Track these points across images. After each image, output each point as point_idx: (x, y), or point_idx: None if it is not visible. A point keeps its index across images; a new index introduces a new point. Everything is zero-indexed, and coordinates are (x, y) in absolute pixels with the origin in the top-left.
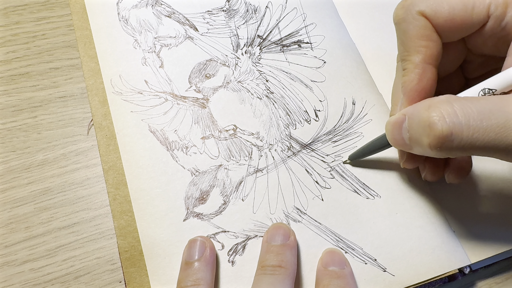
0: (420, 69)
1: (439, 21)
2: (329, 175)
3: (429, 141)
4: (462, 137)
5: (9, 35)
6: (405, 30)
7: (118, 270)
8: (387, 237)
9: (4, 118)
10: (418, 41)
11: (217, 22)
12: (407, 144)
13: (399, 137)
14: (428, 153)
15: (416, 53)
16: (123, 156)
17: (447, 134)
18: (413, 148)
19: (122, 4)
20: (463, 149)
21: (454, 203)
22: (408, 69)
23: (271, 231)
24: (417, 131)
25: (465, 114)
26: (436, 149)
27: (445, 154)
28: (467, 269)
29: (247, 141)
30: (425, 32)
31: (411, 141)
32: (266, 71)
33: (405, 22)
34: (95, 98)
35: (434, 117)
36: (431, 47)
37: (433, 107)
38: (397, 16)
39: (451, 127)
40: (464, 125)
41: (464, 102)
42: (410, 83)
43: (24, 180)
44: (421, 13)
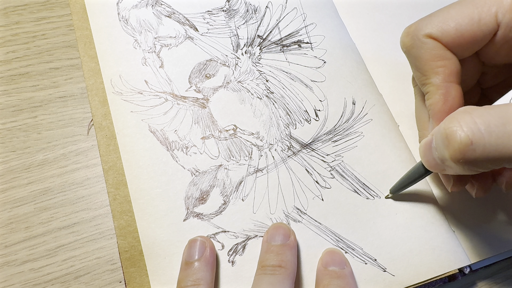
0: (443, 89)
1: (448, 40)
2: (329, 175)
3: (450, 153)
4: (484, 145)
5: (9, 35)
6: (417, 56)
7: (118, 270)
8: (387, 237)
9: (4, 118)
10: (434, 63)
11: (217, 22)
12: (440, 164)
13: (431, 159)
14: (460, 170)
15: (435, 74)
16: (123, 156)
17: (466, 142)
18: (445, 167)
19: (122, 4)
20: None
21: (454, 203)
22: (431, 91)
23: (271, 231)
24: (440, 146)
25: (484, 121)
26: (460, 161)
27: (473, 167)
28: (467, 269)
29: (247, 141)
30: (438, 52)
31: (440, 160)
32: (266, 71)
33: (414, 48)
34: (95, 98)
35: (452, 128)
36: (448, 66)
37: (450, 119)
38: (405, 44)
39: (469, 135)
40: (484, 132)
41: (483, 110)
42: (436, 104)
43: (24, 180)
44: (428, 36)
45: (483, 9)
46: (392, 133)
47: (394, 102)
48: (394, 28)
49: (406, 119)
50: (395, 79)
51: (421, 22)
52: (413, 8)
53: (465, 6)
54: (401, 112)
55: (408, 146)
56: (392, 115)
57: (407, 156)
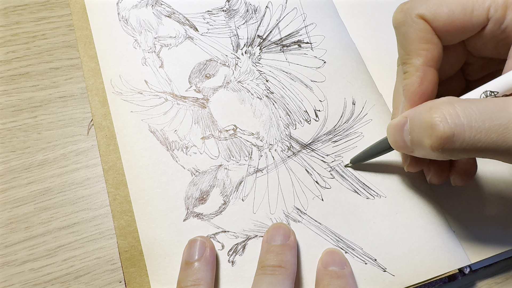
0: (421, 72)
1: (439, 24)
2: (329, 175)
3: (431, 142)
4: (464, 138)
5: (9, 35)
6: (405, 34)
7: (118, 270)
8: (387, 237)
9: (4, 118)
10: (419, 44)
11: (217, 22)
12: (409, 147)
13: (400, 140)
14: (430, 155)
15: (417, 56)
16: (123, 156)
17: (449, 135)
18: (415, 150)
19: (122, 4)
20: (465, 151)
21: (454, 203)
22: (409, 72)
23: (271, 231)
24: (419, 133)
25: (467, 115)
26: (438, 150)
27: (447, 155)
28: (467, 269)
29: (247, 141)
30: (425, 35)
31: (412, 144)
32: (266, 71)
33: (404, 25)
34: (95, 98)
35: (436, 118)
36: (431, 50)
37: (435, 109)
38: (396, 20)
39: (452, 128)
40: (466, 126)
41: (466, 104)
42: (412, 86)
43: (24, 180)
44: (420, 16)
45: (477, 1)
46: None
47: None
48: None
49: None
50: (395, 79)
51: (416, 1)
52: None
53: None
54: None
55: None
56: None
57: None
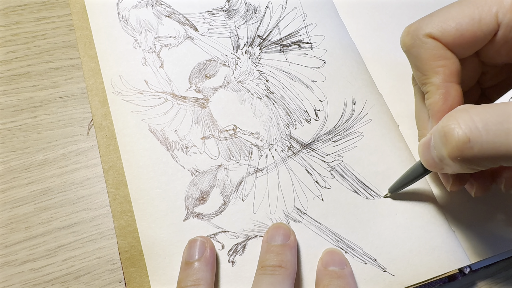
0: (443, 89)
1: (449, 39)
2: (329, 175)
3: (448, 151)
4: (481, 143)
5: (9, 35)
6: (417, 55)
7: (118, 270)
8: (387, 237)
9: (4, 118)
10: (434, 63)
11: (217, 22)
12: (438, 163)
13: (429, 158)
14: (458, 168)
15: (435, 74)
16: (123, 156)
17: (464, 140)
18: (444, 166)
19: (122, 4)
20: (488, 158)
21: (454, 203)
22: (431, 91)
23: (271, 231)
24: (438, 145)
25: (482, 119)
26: (457, 159)
27: (471, 165)
28: (467, 269)
29: (247, 141)
30: (438, 52)
31: (439, 159)
32: (266, 71)
33: (414, 47)
34: (95, 98)
35: (450, 126)
36: (448, 66)
37: (449, 117)
38: (405, 44)
39: (467, 133)
40: (482, 129)
41: (480, 108)
42: (436, 104)
43: (24, 180)
44: (428, 35)
45: (483, 9)
46: (392, 133)
47: (394, 102)
48: (394, 28)
49: (406, 119)
50: (395, 79)
51: (421, 21)
52: (413, 8)
53: (466, 6)
54: (401, 112)
55: (408, 146)
56: (392, 115)
57: (407, 156)
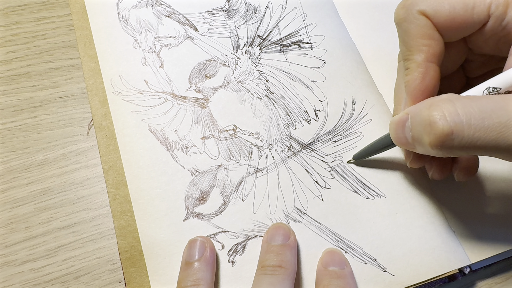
0: (423, 68)
1: (440, 20)
2: (329, 175)
3: (430, 140)
4: (463, 136)
5: (9, 35)
6: (407, 30)
7: (118, 270)
8: (387, 237)
9: (4, 118)
10: (420, 40)
11: (217, 22)
12: (410, 143)
13: (402, 136)
14: (430, 152)
15: (419, 52)
16: (123, 156)
17: (448, 133)
18: (416, 147)
19: (122, 4)
20: (464, 148)
21: (454, 203)
22: (411, 68)
23: (271, 231)
24: (419, 130)
25: (466, 113)
26: (437, 148)
27: (446, 153)
28: (467, 269)
29: (247, 141)
30: (427, 31)
31: (413, 140)
32: (266, 71)
33: (406, 21)
34: (95, 98)
35: (435, 116)
36: (433, 46)
37: (434, 106)
38: (398, 16)
39: (452, 126)
40: (465, 124)
41: (465, 101)
42: (413, 82)
43: (24, 180)
44: (422, 12)
45: None
46: None
47: None
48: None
49: None
50: (395, 79)
51: None
52: None
53: None
54: None
55: None
56: (392, 115)
57: None
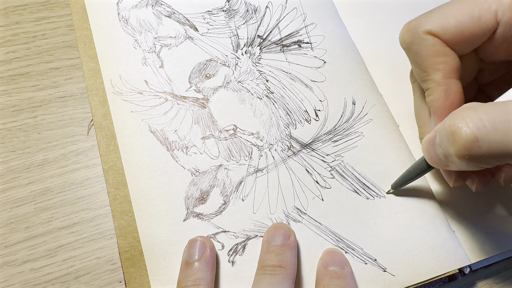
0: (444, 85)
1: (448, 36)
2: (329, 175)
3: (455, 149)
4: (490, 142)
5: (9, 35)
6: (417, 52)
7: (118, 270)
8: (387, 237)
9: (4, 118)
10: (434, 59)
11: (217, 22)
12: (443, 161)
13: (434, 155)
14: (464, 166)
15: (435, 71)
16: (123, 156)
17: (472, 139)
18: (449, 163)
19: (122, 4)
20: (496, 156)
21: (454, 203)
22: (432, 88)
23: (271, 231)
24: (445, 143)
25: (489, 118)
26: (465, 157)
27: (478, 163)
28: (467, 269)
29: (247, 141)
30: (438, 49)
31: (444, 156)
32: (266, 71)
33: (414, 44)
34: (95, 98)
35: (458, 124)
36: (448, 62)
37: (456, 115)
38: (404, 41)
39: (474, 132)
40: (489, 128)
41: (488, 107)
42: (437, 101)
43: (24, 180)
44: (428, 32)
45: (483, 7)
46: (392, 133)
47: (394, 102)
48: (394, 28)
49: (406, 119)
50: (395, 79)
51: (421, 18)
52: (413, 8)
53: (466, 4)
54: (401, 112)
55: (408, 146)
56: (392, 115)
57: (407, 156)
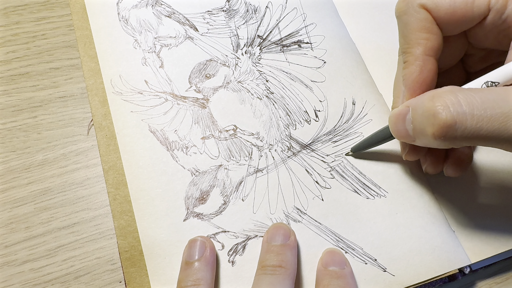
0: (421, 61)
1: (440, 14)
2: (329, 175)
3: (433, 130)
4: (466, 126)
5: (9, 35)
6: (406, 23)
7: (118, 270)
8: (387, 237)
9: (4, 118)
10: (419, 34)
11: (217, 22)
12: (411, 136)
13: (402, 129)
14: (432, 144)
15: (417, 45)
16: (123, 156)
17: (451, 123)
18: (417, 139)
19: (122, 4)
20: (466, 139)
21: (455, 203)
22: (409, 61)
23: (271, 231)
24: (421, 122)
25: (469, 104)
26: (440, 138)
27: (448, 143)
28: (467, 269)
29: (247, 141)
30: (426, 24)
31: (414, 132)
32: (266, 71)
33: (406, 15)
34: (95, 98)
35: (438, 107)
36: (431, 40)
37: (437, 97)
38: (398, 9)
39: (455, 116)
40: (468, 114)
41: (468, 92)
42: (411, 75)
43: (24, 180)
44: (422, 6)
45: None
46: None
47: None
48: (394, 28)
49: None
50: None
51: None
52: None
53: None
54: None
55: None
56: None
57: None
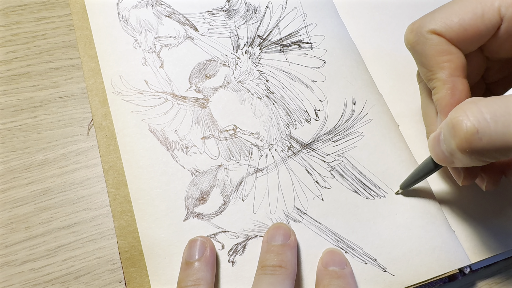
0: (450, 83)
1: (452, 35)
2: (330, 175)
3: (456, 142)
4: (490, 134)
5: (9, 35)
6: (422, 52)
7: (118, 270)
8: (387, 237)
9: (4, 118)
10: (439, 58)
11: (217, 22)
12: (448, 157)
13: (439, 152)
14: (466, 161)
15: (441, 69)
16: (123, 156)
17: (472, 131)
18: (453, 159)
19: (122, 4)
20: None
21: (454, 203)
22: (438, 87)
23: (271, 231)
24: (447, 137)
25: (490, 110)
26: (466, 151)
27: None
28: (467, 269)
29: (247, 141)
30: (443, 47)
31: (448, 152)
32: (266, 71)
33: (419, 44)
34: (95, 98)
35: (458, 118)
36: (454, 60)
37: (457, 109)
38: (409, 41)
39: (475, 124)
40: (490, 120)
41: (488, 100)
42: (443, 99)
43: (24, 180)
44: (432, 31)
45: (486, 4)
46: (392, 133)
47: (394, 102)
48: (394, 28)
49: (406, 119)
50: (395, 79)
51: (424, 18)
52: (413, 8)
53: (468, 1)
54: (401, 112)
55: (408, 146)
56: (392, 115)
57: (407, 156)
